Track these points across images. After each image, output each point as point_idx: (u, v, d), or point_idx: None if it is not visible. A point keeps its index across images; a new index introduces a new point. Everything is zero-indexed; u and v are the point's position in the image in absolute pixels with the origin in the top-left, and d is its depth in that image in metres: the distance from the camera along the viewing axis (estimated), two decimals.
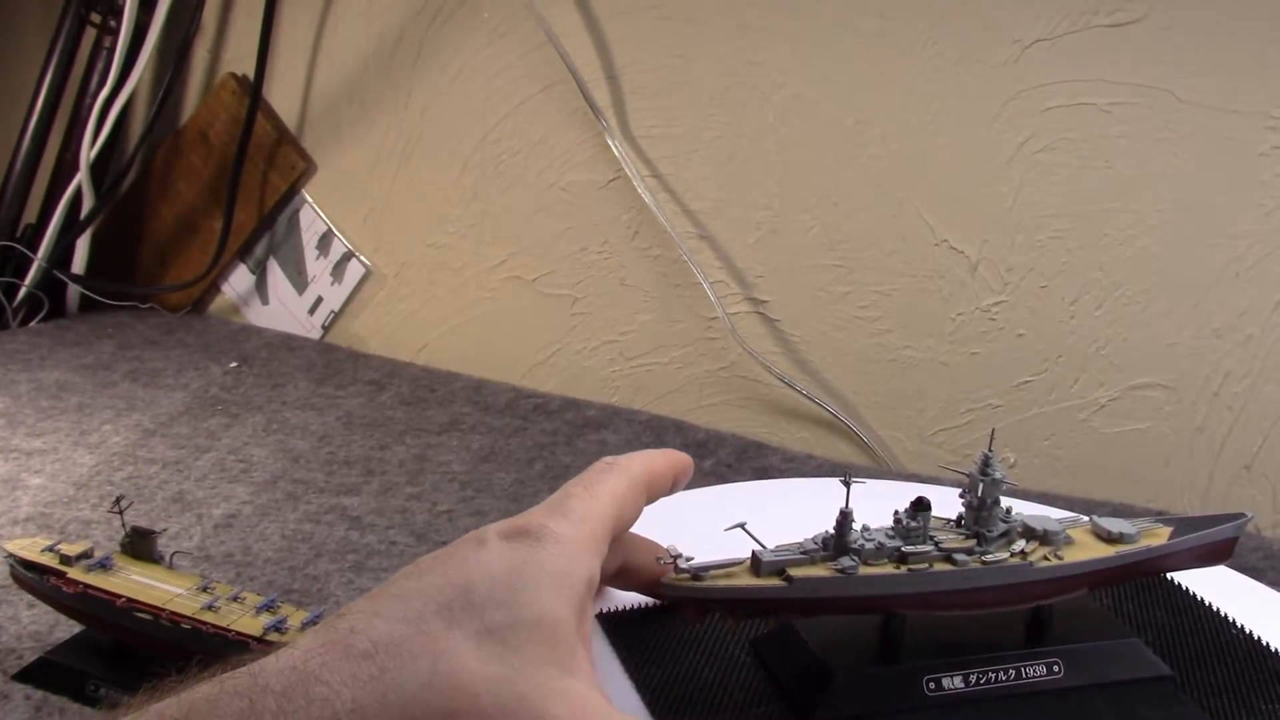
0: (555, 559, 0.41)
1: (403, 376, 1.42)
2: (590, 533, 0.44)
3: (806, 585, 0.46)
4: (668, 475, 0.50)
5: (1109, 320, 1.15)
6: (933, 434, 1.24)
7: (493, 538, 0.42)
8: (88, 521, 1.02)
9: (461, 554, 0.41)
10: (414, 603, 0.39)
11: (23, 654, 0.81)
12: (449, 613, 0.39)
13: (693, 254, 1.30)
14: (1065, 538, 0.49)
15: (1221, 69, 1.07)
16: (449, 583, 0.40)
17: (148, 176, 1.65)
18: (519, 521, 0.43)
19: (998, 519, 0.49)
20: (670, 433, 1.27)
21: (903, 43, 1.19)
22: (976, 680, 0.48)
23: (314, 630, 0.39)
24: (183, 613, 0.72)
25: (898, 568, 0.47)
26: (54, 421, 1.24)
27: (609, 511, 0.45)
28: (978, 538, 0.48)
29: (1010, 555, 0.47)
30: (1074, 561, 0.48)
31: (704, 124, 1.29)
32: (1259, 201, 1.07)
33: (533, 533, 0.42)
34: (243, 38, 1.56)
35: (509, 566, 0.40)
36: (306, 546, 0.99)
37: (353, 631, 0.38)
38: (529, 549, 0.41)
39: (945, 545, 0.48)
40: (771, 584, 0.47)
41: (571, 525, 0.43)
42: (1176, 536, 0.50)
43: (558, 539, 0.42)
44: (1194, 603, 0.58)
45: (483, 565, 0.40)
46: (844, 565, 0.46)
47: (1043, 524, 0.49)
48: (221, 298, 1.65)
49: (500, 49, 1.39)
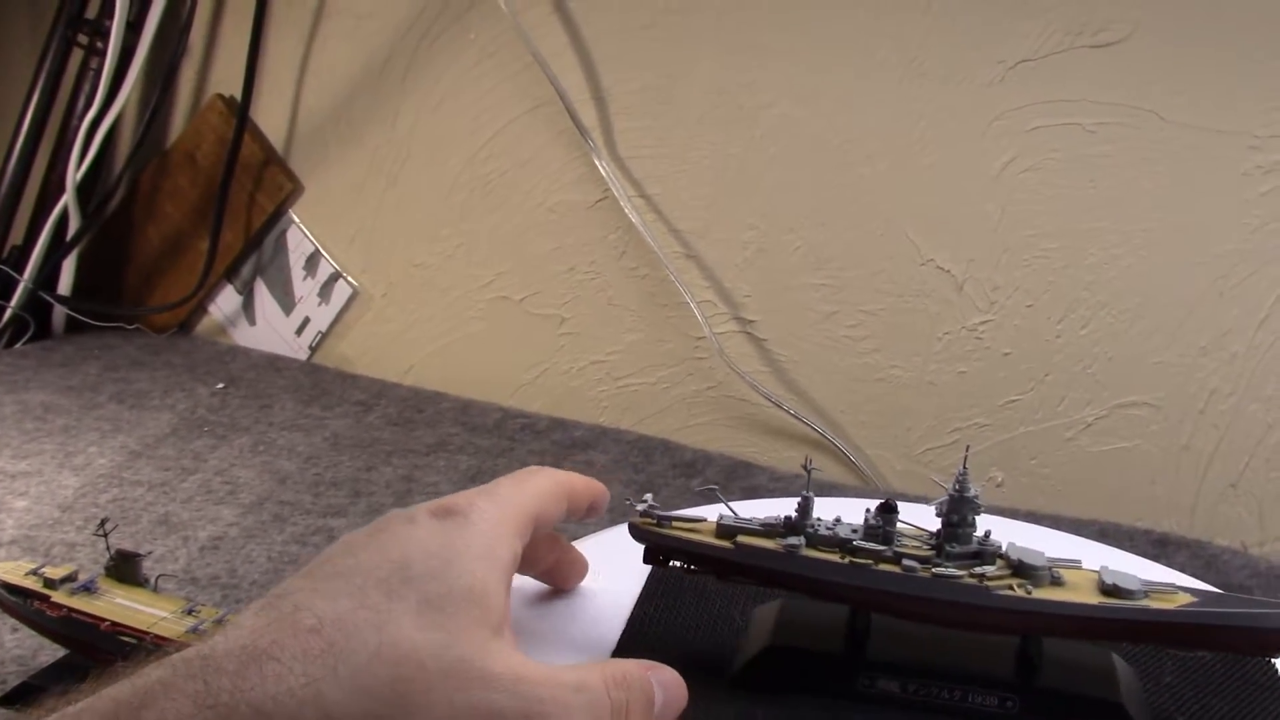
0: (483, 535, 0.44)
1: (390, 397, 1.42)
2: (515, 515, 0.47)
3: (749, 552, 0.49)
4: (586, 496, 0.54)
5: (1095, 339, 1.15)
6: (920, 453, 1.24)
7: (423, 516, 0.45)
8: (72, 544, 1.02)
9: (393, 530, 0.44)
10: (354, 579, 0.41)
11: (5, 679, 0.80)
12: (388, 586, 0.41)
13: (680, 274, 1.30)
14: (1052, 575, 0.47)
15: (1206, 89, 1.08)
16: (386, 559, 0.42)
17: (134, 197, 1.65)
18: (447, 501, 0.46)
19: (971, 538, 0.48)
20: (658, 452, 1.27)
21: (889, 63, 1.19)
22: (914, 690, 0.48)
23: (255, 608, 0.40)
24: (167, 636, 0.72)
25: (842, 558, 0.48)
26: (39, 443, 1.23)
27: (532, 504, 0.49)
28: (938, 550, 0.48)
29: (967, 575, 0.47)
30: (1039, 599, 0.46)
31: (691, 144, 1.30)
32: (1243, 220, 1.08)
33: (461, 510, 0.45)
34: (230, 59, 1.56)
35: (442, 542, 0.43)
36: (293, 569, 0.99)
37: (297, 609, 0.39)
38: (459, 525, 0.44)
39: (901, 550, 0.48)
40: (720, 544, 0.50)
41: (498, 507, 0.46)
42: (1199, 607, 0.45)
43: (486, 517, 0.45)
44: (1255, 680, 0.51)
45: (417, 540, 0.43)
46: (790, 543, 0.49)
47: (1027, 556, 0.48)
48: (208, 318, 1.65)
49: (488, 69, 1.39)
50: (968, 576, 0.47)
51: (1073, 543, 0.75)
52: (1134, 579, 0.47)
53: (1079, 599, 0.46)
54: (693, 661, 0.46)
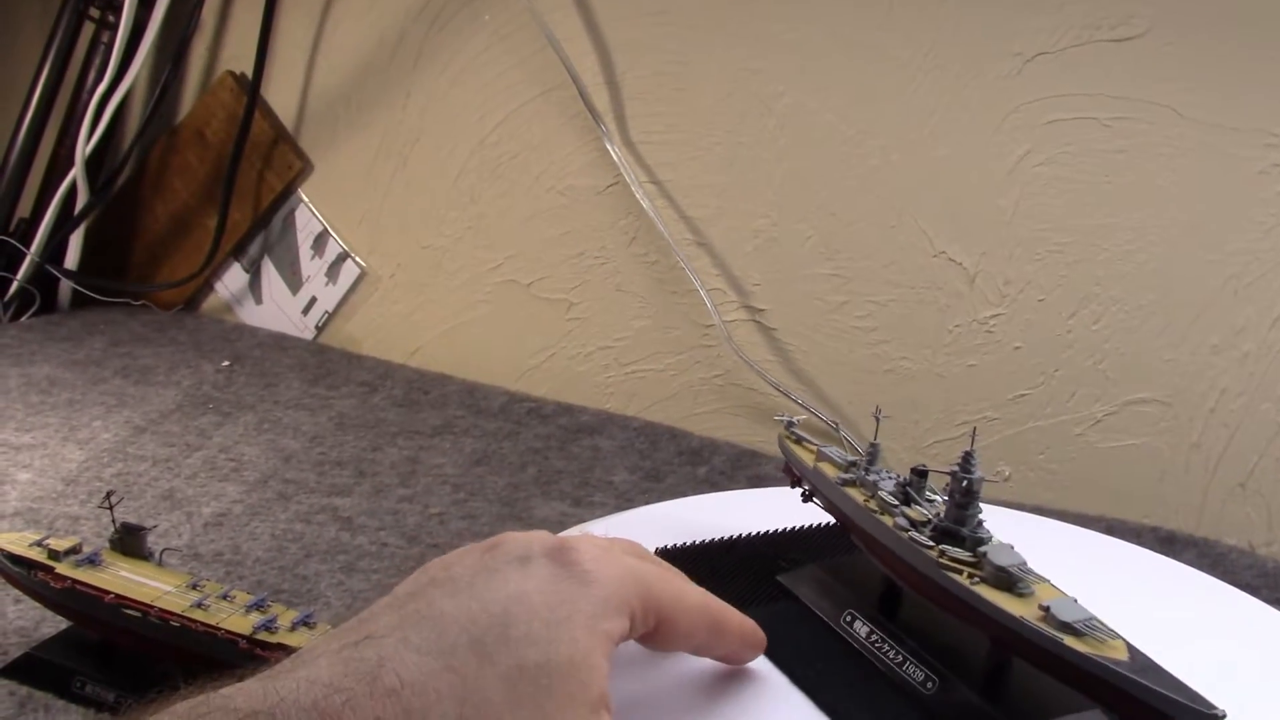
0: (596, 601, 0.40)
1: (396, 378, 1.42)
2: (636, 588, 0.42)
3: (818, 475, 0.56)
4: (735, 639, 0.48)
5: (1106, 335, 1.15)
6: (928, 445, 1.24)
7: (539, 557, 0.41)
8: (76, 517, 1.02)
9: (504, 573, 0.40)
10: (448, 630, 0.38)
11: (8, 650, 0.80)
12: (482, 648, 0.38)
13: (690, 261, 1.30)
14: (1022, 582, 0.46)
15: (1223, 86, 1.07)
16: (486, 610, 0.38)
17: (143, 173, 1.65)
18: (569, 546, 0.41)
19: (973, 519, 0.49)
20: (664, 439, 1.27)
21: (904, 54, 1.18)
22: (874, 641, 0.52)
23: (335, 648, 0.37)
24: (171, 610, 0.71)
25: (865, 501, 0.54)
26: (44, 417, 1.23)
27: (662, 590, 0.43)
28: (929, 522, 0.50)
29: (932, 546, 0.49)
30: (971, 590, 0.47)
31: (704, 131, 1.29)
32: (1258, 219, 1.07)
33: (581, 564, 0.41)
34: (242, 36, 1.55)
35: (551, 600, 0.39)
36: (297, 546, 0.99)
37: (380, 664, 0.36)
38: (574, 582, 0.40)
39: (909, 513, 0.51)
40: (810, 467, 0.57)
41: (620, 572, 0.42)
42: (1134, 668, 0.43)
43: (606, 578, 0.41)
44: None
45: (523, 597, 0.39)
46: (844, 477, 0.54)
47: (1007, 557, 0.47)
48: (215, 296, 1.64)
49: (500, 52, 1.39)
50: (931, 548, 0.48)
51: (1081, 536, 0.75)
52: (1084, 613, 0.45)
53: (1008, 606, 0.46)
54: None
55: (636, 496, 1.13)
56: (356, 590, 0.92)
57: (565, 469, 1.18)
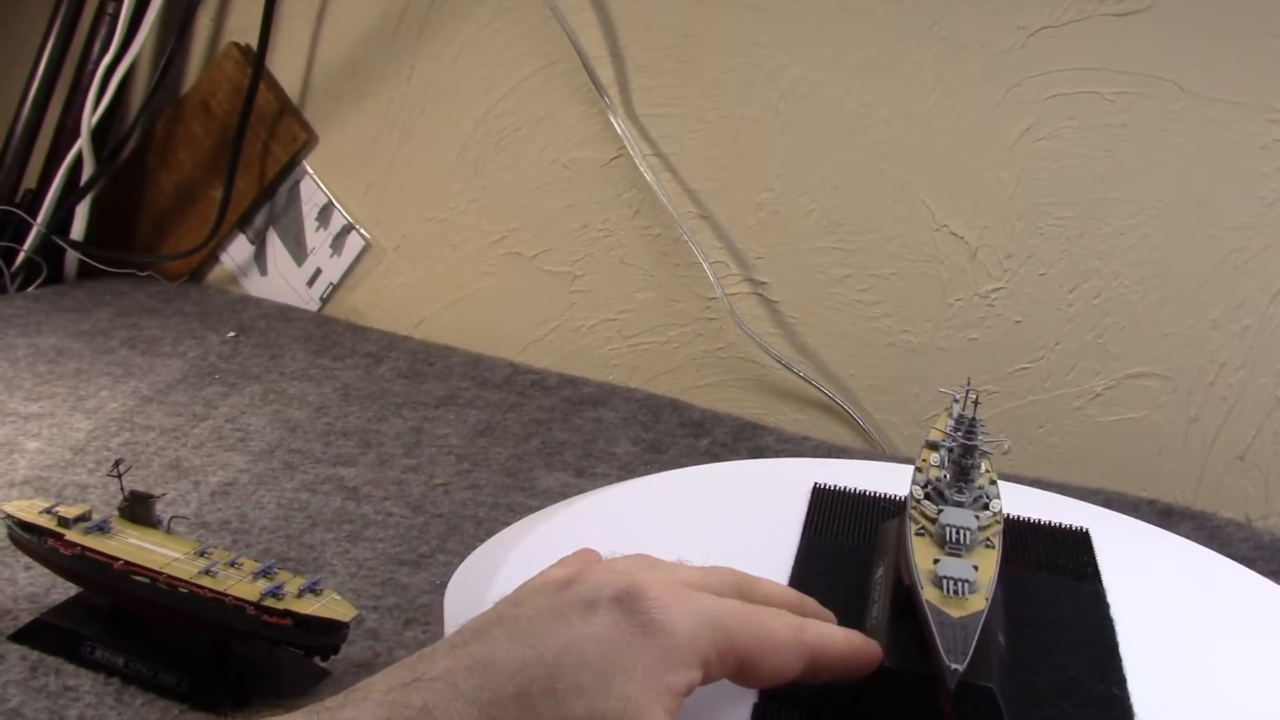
0: (660, 653, 0.38)
1: (400, 350, 1.43)
2: (710, 637, 0.40)
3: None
4: (839, 667, 0.44)
5: (1107, 309, 1.15)
6: (928, 418, 1.24)
7: (605, 604, 0.39)
8: (84, 486, 1.03)
9: (565, 617, 0.39)
10: (496, 678, 0.37)
11: (18, 615, 0.81)
12: (527, 699, 0.37)
13: (693, 234, 1.30)
14: (957, 544, 0.49)
15: (1226, 61, 1.07)
16: (539, 659, 0.37)
17: (148, 145, 1.65)
18: (640, 591, 0.39)
19: (975, 475, 0.56)
20: (667, 411, 1.27)
21: (908, 27, 1.18)
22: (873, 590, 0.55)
23: (385, 689, 0.37)
24: (180, 577, 0.72)
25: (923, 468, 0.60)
26: (51, 386, 1.24)
27: (748, 640, 0.41)
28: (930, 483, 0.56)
29: (918, 502, 0.54)
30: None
31: (708, 104, 1.29)
32: (1260, 194, 1.08)
33: (650, 613, 0.39)
34: (247, 7, 1.55)
35: (608, 651, 0.38)
36: (303, 515, 1.00)
37: (424, 711, 0.36)
38: (638, 633, 0.38)
39: (941, 480, 0.57)
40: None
41: (694, 621, 0.40)
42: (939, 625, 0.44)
43: (676, 628, 0.39)
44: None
45: (578, 646, 0.38)
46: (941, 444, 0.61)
47: (960, 519, 0.51)
48: (220, 267, 1.65)
49: (504, 24, 1.39)
50: (918, 509, 0.53)
51: (1080, 509, 0.76)
52: (966, 568, 0.46)
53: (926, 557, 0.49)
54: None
55: (639, 468, 1.14)
56: (361, 559, 0.93)
57: (569, 440, 1.19)
